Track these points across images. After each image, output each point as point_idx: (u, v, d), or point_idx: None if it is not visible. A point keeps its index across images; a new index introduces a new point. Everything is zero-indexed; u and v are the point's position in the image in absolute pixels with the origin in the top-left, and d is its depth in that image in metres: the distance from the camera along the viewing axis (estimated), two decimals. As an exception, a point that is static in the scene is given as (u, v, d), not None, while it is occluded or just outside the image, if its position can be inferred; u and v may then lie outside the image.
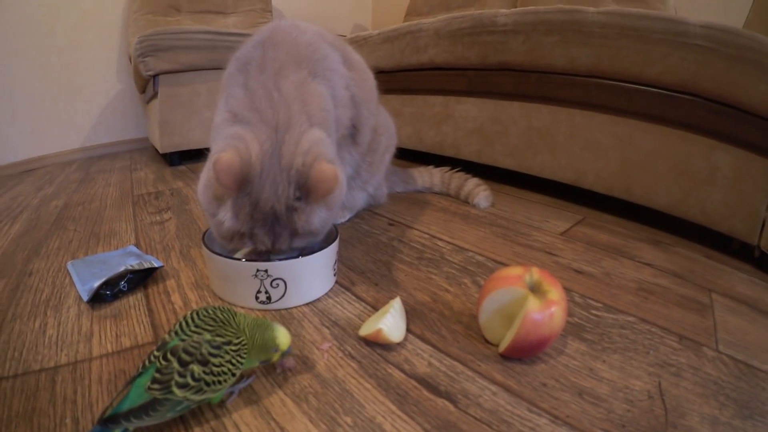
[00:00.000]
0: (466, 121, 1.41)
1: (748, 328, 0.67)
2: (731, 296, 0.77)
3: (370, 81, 0.95)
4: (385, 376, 0.53)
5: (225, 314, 0.48)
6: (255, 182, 0.61)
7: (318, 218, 0.65)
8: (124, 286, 0.70)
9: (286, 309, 0.67)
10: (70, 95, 2.01)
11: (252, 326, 0.48)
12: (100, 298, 0.69)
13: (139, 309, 0.68)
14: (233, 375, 0.45)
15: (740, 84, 0.87)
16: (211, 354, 0.43)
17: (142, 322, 0.64)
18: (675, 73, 0.96)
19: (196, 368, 0.42)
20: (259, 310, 0.67)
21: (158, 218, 1.09)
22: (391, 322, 0.58)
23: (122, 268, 0.71)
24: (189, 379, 0.42)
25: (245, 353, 0.46)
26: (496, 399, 0.50)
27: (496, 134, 1.34)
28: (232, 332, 0.46)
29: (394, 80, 1.59)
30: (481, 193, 1.18)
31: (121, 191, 1.37)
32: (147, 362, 0.44)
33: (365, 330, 0.59)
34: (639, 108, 1.04)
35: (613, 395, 0.52)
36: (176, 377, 0.42)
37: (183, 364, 0.42)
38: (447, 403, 0.49)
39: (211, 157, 0.64)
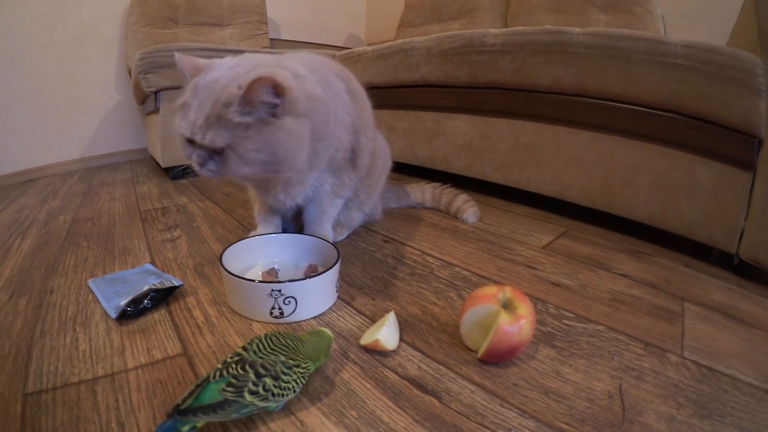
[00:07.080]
0: (456, 137, 1.46)
1: (716, 334, 0.73)
2: (704, 304, 0.82)
3: (369, 110, 1.00)
4: (383, 378, 0.61)
5: (295, 342, 0.57)
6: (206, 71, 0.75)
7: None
8: (148, 304, 0.75)
9: (296, 322, 0.74)
10: (69, 106, 2.03)
11: (315, 346, 0.58)
12: (124, 314, 0.73)
13: (165, 324, 0.73)
14: (294, 392, 0.53)
15: (720, 100, 0.90)
16: (283, 372, 0.52)
17: (170, 335, 0.70)
18: (656, 92, 1.00)
19: (268, 381, 0.51)
20: (273, 323, 0.73)
21: (168, 236, 1.13)
22: (386, 333, 0.66)
23: (145, 287, 0.77)
24: (260, 389, 0.50)
25: (308, 375, 0.56)
26: (473, 396, 0.58)
27: (485, 149, 1.39)
28: (301, 358, 0.55)
29: (388, 96, 1.63)
30: (469, 209, 1.24)
31: (127, 206, 1.40)
32: (225, 371, 0.52)
33: (365, 340, 0.68)
34: (621, 125, 1.09)
35: (575, 394, 0.59)
36: (250, 385, 0.50)
37: (258, 376, 0.51)
38: (433, 399, 0.58)
39: None
